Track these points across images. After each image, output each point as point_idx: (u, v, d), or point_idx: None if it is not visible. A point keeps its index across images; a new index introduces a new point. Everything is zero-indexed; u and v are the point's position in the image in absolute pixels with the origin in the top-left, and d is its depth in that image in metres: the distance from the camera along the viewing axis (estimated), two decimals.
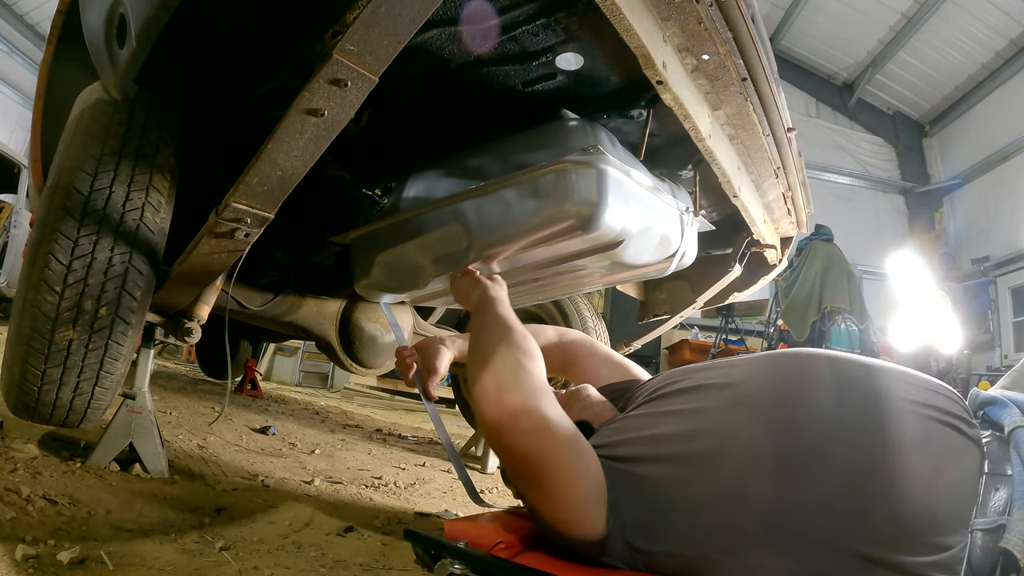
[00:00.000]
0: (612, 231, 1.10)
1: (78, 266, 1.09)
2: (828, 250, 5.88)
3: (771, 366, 0.84)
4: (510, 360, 0.85)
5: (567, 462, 0.78)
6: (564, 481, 0.77)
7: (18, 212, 5.35)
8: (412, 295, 1.40)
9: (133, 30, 0.95)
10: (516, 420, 0.77)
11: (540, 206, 1.08)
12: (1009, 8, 6.69)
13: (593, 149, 1.07)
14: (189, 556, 1.01)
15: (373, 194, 1.34)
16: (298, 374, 6.87)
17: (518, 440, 0.78)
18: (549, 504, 0.79)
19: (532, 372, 0.84)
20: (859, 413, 0.72)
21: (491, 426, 0.79)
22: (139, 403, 1.45)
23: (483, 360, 0.87)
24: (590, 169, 1.06)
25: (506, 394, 0.79)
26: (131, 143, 1.15)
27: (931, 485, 0.65)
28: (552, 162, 1.07)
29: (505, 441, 0.79)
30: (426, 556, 0.82)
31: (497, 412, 0.79)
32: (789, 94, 6.91)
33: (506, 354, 0.86)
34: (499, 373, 0.83)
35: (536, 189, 1.09)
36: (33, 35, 8.78)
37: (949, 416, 0.71)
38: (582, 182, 1.06)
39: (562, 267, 1.30)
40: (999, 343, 7.42)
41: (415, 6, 0.74)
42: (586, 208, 1.05)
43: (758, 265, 1.83)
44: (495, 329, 0.94)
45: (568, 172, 1.06)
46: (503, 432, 0.78)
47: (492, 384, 0.81)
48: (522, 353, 0.87)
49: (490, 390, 0.81)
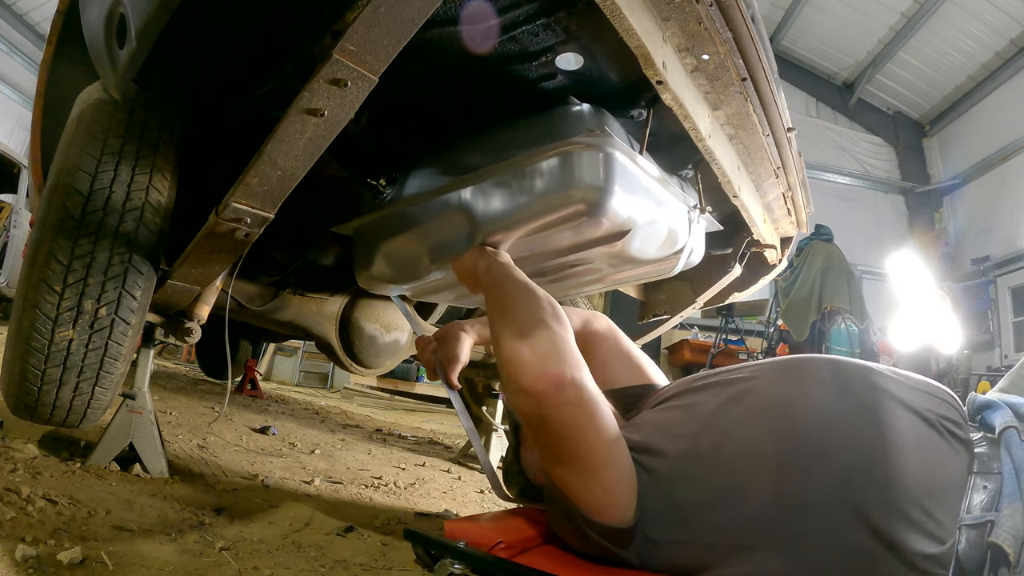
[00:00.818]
0: (618, 217, 1.08)
1: (78, 266, 1.09)
2: (828, 250, 5.87)
3: (775, 369, 0.85)
4: (547, 328, 0.81)
5: (608, 438, 0.76)
6: (603, 459, 0.76)
7: (18, 212, 5.34)
8: (414, 286, 1.38)
9: (133, 30, 0.95)
10: (561, 390, 0.75)
11: (544, 190, 1.06)
12: (1009, 8, 6.69)
13: (600, 131, 1.05)
14: (189, 556, 1.01)
15: (377, 184, 1.33)
16: (298, 374, 6.88)
17: (562, 411, 0.75)
18: (584, 483, 0.77)
19: (570, 342, 0.81)
20: (856, 414, 0.73)
21: (534, 395, 0.76)
22: (139, 403, 1.45)
23: (517, 328, 0.82)
24: (596, 152, 1.04)
25: (549, 363, 0.76)
26: (131, 143, 1.15)
27: (923, 484, 0.66)
28: (557, 144, 1.05)
29: (548, 412, 0.75)
30: (426, 556, 0.82)
31: (541, 382, 0.75)
32: (789, 94, 6.91)
33: (542, 321, 0.82)
34: (539, 342, 0.79)
35: (540, 172, 1.07)
36: (33, 35, 8.77)
37: (940, 419, 0.72)
38: (588, 165, 1.03)
39: (567, 261, 1.28)
40: (999, 343, 7.41)
41: (415, 6, 0.74)
42: (592, 193, 1.03)
43: (758, 265, 1.82)
44: (523, 296, 0.89)
45: (574, 155, 1.04)
46: (546, 402, 0.75)
47: (532, 353, 0.78)
48: (557, 321, 0.83)
49: (530, 359, 0.77)
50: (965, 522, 0.62)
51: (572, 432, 0.75)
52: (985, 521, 0.60)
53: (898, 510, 0.65)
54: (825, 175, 8.64)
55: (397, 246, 1.29)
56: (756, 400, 0.81)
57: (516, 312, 0.86)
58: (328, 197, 1.45)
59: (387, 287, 1.41)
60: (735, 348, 6.08)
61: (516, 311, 0.86)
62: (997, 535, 0.58)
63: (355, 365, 2.09)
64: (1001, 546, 0.57)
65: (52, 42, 1.49)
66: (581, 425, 0.75)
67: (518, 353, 0.79)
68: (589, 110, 1.12)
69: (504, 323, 0.86)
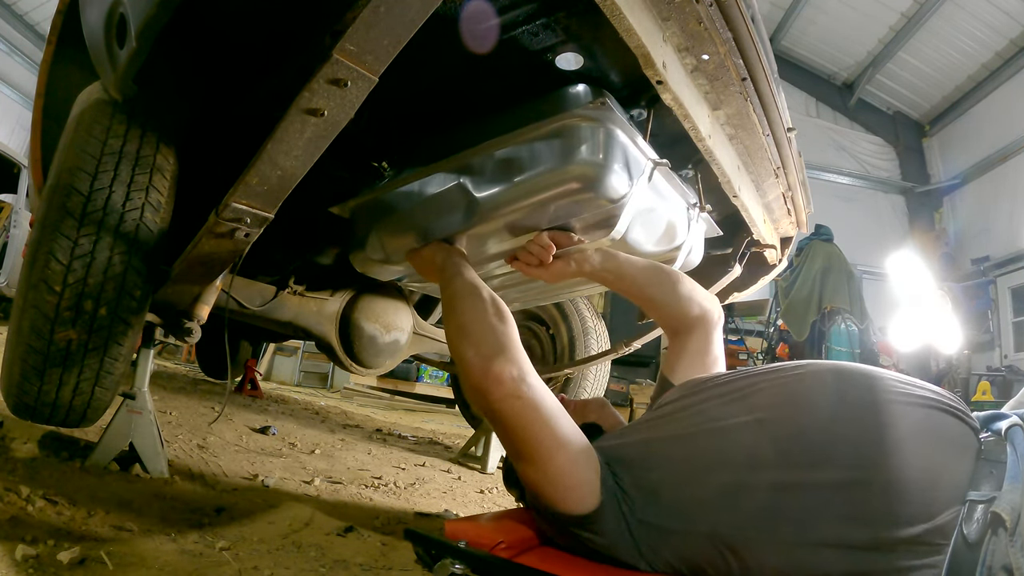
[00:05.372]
0: (616, 194, 1.08)
1: (78, 266, 1.09)
2: (828, 250, 5.87)
3: (776, 372, 0.87)
4: (490, 327, 0.90)
5: (552, 426, 0.82)
6: (553, 443, 0.82)
7: (18, 212, 5.35)
8: (409, 268, 1.37)
9: (133, 30, 0.95)
10: (501, 385, 0.82)
11: (543, 162, 1.06)
12: (1009, 8, 6.68)
13: (600, 103, 1.04)
14: (189, 556, 1.01)
15: (380, 166, 1.33)
16: (298, 374, 6.87)
17: (505, 404, 0.82)
18: (542, 472, 0.82)
19: (511, 338, 0.89)
20: (860, 403, 0.77)
21: (479, 391, 0.85)
22: (139, 403, 1.45)
23: (462, 329, 0.92)
24: (597, 126, 1.04)
25: (491, 362, 0.84)
26: (131, 143, 1.15)
27: (931, 460, 0.71)
28: (557, 117, 1.05)
29: (493, 406, 0.83)
30: (426, 556, 0.82)
31: (485, 379, 0.84)
32: (789, 94, 6.90)
33: (484, 321, 0.91)
34: (482, 341, 0.88)
35: (539, 144, 1.07)
36: (33, 35, 8.77)
37: (949, 405, 0.76)
38: (587, 138, 1.03)
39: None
40: (999, 343, 7.41)
41: (415, 6, 0.74)
42: (590, 167, 1.03)
43: (758, 265, 1.82)
44: (468, 297, 0.97)
45: (573, 128, 1.04)
46: (491, 397, 0.83)
47: (476, 353, 0.87)
48: (500, 319, 0.92)
49: (475, 359, 0.86)
50: (971, 498, 0.68)
51: (521, 423, 0.82)
52: (990, 498, 0.68)
53: (899, 509, 0.68)
54: (825, 175, 8.63)
55: (394, 225, 1.28)
56: (759, 399, 0.82)
57: (463, 312, 0.95)
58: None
59: (383, 269, 1.40)
60: (735, 348, 6.08)
61: (463, 311, 0.95)
62: (998, 506, 0.66)
63: (355, 365, 2.09)
64: (1000, 514, 0.65)
65: (52, 42, 1.48)
66: (526, 415, 0.82)
67: (465, 353, 0.88)
68: (589, 88, 1.11)
69: (452, 323, 0.96)
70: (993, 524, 0.66)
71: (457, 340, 0.92)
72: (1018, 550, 0.64)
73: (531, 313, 2.66)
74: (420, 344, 2.27)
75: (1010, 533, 0.65)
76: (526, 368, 0.85)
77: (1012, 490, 0.67)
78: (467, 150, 1.15)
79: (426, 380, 6.74)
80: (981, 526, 0.66)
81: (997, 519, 0.66)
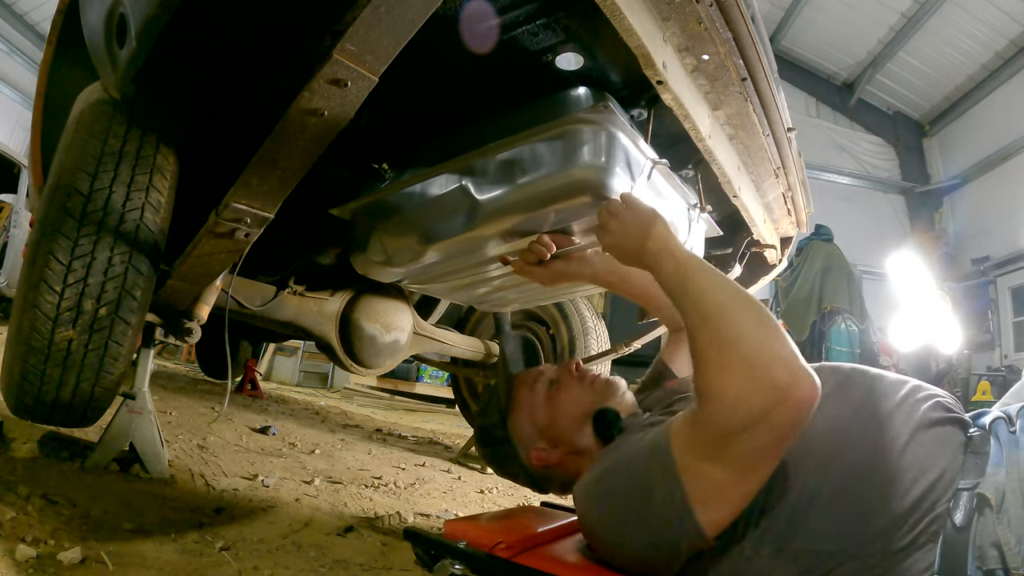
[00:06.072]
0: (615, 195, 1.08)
1: (78, 266, 1.09)
2: (828, 250, 5.88)
3: None
4: (774, 330, 0.71)
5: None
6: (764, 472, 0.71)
7: (18, 212, 5.34)
8: (411, 269, 1.35)
9: (133, 30, 0.95)
10: (816, 395, 0.67)
11: (545, 165, 1.06)
12: (1009, 8, 6.68)
13: (603, 107, 1.05)
14: (189, 556, 1.01)
15: (380, 168, 1.33)
16: (298, 374, 6.87)
17: (788, 413, 0.67)
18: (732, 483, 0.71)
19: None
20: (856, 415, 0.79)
21: (781, 390, 0.66)
22: (139, 403, 1.45)
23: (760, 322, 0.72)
24: (599, 129, 1.04)
25: (798, 362, 0.68)
26: (131, 143, 1.15)
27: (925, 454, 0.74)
28: (559, 121, 1.05)
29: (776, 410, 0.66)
30: (426, 556, 0.82)
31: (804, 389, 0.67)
32: (789, 94, 6.88)
33: (774, 322, 0.73)
34: (785, 341, 0.70)
35: (542, 148, 1.07)
36: (33, 35, 8.77)
37: (941, 401, 0.80)
38: (590, 141, 1.03)
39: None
40: (999, 343, 7.41)
41: (415, 6, 0.74)
42: (591, 171, 1.03)
43: (758, 265, 1.82)
44: (741, 293, 0.77)
45: (576, 131, 1.04)
46: (805, 408, 0.67)
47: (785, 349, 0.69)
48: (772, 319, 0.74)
49: (788, 356, 0.68)
50: (960, 485, 0.72)
51: (778, 435, 0.68)
52: (975, 484, 0.72)
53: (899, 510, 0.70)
54: (825, 175, 8.63)
55: (396, 227, 1.28)
56: None
57: (747, 306, 0.74)
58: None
59: (385, 271, 1.39)
60: None
61: (745, 305, 0.74)
62: (983, 487, 0.71)
63: (355, 365, 2.09)
64: (985, 494, 0.70)
65: (52, 42, 1.48)
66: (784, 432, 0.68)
67: (772, 346, 0.69)
68: (591, 91, 1.11)
69: (737, 312, 0.73)
70: (979, 505, 0.70)
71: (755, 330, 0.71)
72: (1005, 526, 0.68)
73: (531, 313, 2.66)
74: (420, 344, 2.27)
75: (996, 511, 0.69)
76: None
77: (996, 472, 0.72)
78: (470, 152, 1.15)
79: (426, 380, 6.74)
80: (968, 510, 0.70)
81: (983, 500, 0.70)
